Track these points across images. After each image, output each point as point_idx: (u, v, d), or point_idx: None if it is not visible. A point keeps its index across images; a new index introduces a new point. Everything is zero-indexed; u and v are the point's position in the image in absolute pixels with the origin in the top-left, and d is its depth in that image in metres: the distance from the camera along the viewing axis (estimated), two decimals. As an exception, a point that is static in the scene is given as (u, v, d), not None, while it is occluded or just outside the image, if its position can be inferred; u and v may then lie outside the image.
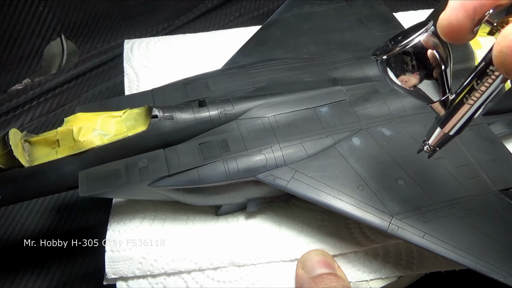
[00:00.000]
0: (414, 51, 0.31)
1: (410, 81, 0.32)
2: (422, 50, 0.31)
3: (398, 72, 0.32)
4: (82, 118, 0.45)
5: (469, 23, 0.29)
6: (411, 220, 0.40)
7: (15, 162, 0.42)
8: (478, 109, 0.31)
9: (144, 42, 0.64)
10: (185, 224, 0.47)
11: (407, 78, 0.32)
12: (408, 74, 0.32)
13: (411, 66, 0.32)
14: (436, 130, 0.34)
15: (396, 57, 0.32)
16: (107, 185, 0.42)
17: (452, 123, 0.33)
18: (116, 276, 0.44)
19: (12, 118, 0.70)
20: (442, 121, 0.34)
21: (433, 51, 0.31)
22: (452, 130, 0.33)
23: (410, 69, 0.32)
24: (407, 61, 0.32)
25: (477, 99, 0.30)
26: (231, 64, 0.54)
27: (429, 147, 0.36)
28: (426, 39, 0.31)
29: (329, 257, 0.44)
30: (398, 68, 0.32)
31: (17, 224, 0.59)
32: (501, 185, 0.43)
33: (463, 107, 0.32)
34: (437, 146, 0.35)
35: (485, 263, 0.38)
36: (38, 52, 0.69)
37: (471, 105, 0.31)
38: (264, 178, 0.42)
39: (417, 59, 0.31)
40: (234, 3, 0.88)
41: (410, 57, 0.31)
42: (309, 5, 0.62)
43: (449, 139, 0.35)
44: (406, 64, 0.32)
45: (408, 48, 0.31)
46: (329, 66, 0.53)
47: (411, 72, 0.32)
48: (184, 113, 0.46)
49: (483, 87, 0.29)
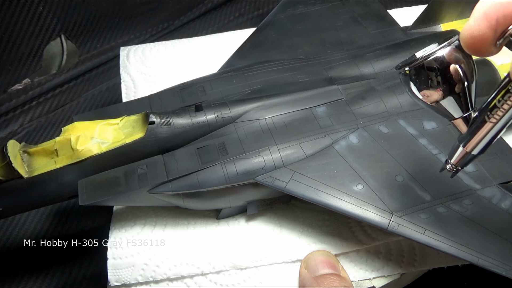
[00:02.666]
0: (438, 66, 0.31)
1: (432, 96, 0.32)
2: (445, 65, 0.30)
3: (420, 86, 0.32)
4: (79, 127, 0.45)
5: (492, 34, 0.28)
6: (411, 217, 0.40)
7: (15, 173, 0.42)
8: (502, 128, 0.30)
9: (140, 49, 0.65)
10: (186, 228, 0.47)
11: (429, 93, 0.32)
12: (431, 89, 0.31)
13: (435, 82, 0.31)
14: (459, 149, 0.33)
15: (420, 71, 0.31)
16: (106, 193, 0.43)
17: (474, 142, 0.32)
18: (119, 283, 0.44)
19: (12, 118, 0.70)
20: (465, 140, 0.33)
21: (455, 66, 0.30)
22: (475, 150, 0.32)
23: (433, 84, 0.31)
24: (431, 76, 0.31)
25: (500, 117, 0.29)
26: (227, 67, 0.54)
27: (451, 166, 0.35)
28: (449, 53, 0.30)
29: (333, 258, 0.44)
30: (421, 82, 0.32)
31: (17, 225, 0.59)
32: (500, 179, 0.43)
33: (485, 126, 0.31)
34: (460, 165, 0.34)
35: (486, 257, 0.38)
36: (38, 52, 0.70)
37: (494, 124, 0.30)
38: (263, 180, 0.42)
39: (440, 74, 0.31)
40: (234, 3, 0.88)
41: (434, 72, 0.31)
42: (303, 6, 0.62)
43: (472, 159, 0.33)
44: (430, 79, 0.31)
45: (432, 63, 0.31)
46: (325, 66, 0.53)
47: (434, 88, 0.31)
48: (181, 118, 0.46)
49: (506, 105, 0.29)
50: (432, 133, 0.46)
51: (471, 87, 0.31)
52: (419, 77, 0.31)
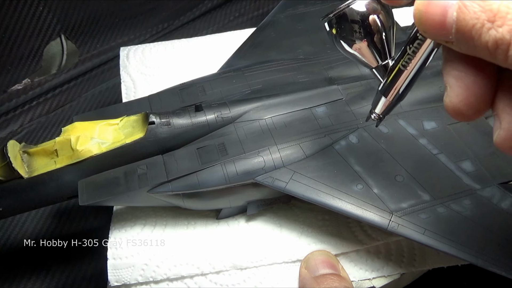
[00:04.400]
0: (358, 17, 0.32)
1: (356, 46, 0.33)
2: (365, 15, 0.32)
3: (343, 36, 0.33)
4: (79, 127, 0.45)
5: None
6: (411, 217, 0.40)
7: (15, 173, 0.42)
8: (416, 75, 0.31)
9: (140, 49, 0.65)
10: (186, 229, 0.47)
11: (353, 44, 0.33)
12: (354, 39, 0.33)
13: (357, 32, 0.32)
14: (381, 99, 0.34)
15: (342, 22, 0.32)
16: (106, 193, 0.43)
17: (393, 91, 0.33)
18: (119, 283, 0.44)
19: (12, 118, 0.70)
20: (384, 89, 0.34)
21: (374, 16, 0.32)
22: (394, 97, 0.33)
23: (356, 35, 0.32)
24: (353, 27, 0.32)
25: (413, 65, 0.30)
26: (227, 67, 0.54)
27: (376, 116, 0.36)
28: (368, 3, 0.32)
29: (333, 258, 0.44)
30: (343, 32, 0.33)
31: (17, 225, 0.59)
32: (501, 179, 0.43)
33: (401, 74, 0.32)
34: (383, 114, 0.35)
35: (486, 257, 0.37)
36: (38, 52, 0.69)
37: (409, 72, 0.31)
38: (263, 180, 0.42)
39: (360, 24, 0.32)
40: (234, 3, 0.88)
41: (355, 23, 0.32)
42: (303, 6, 0.62)
43: (394, 106, 0.34)
44: (353, 30, 0.32)
45: (352, 14, 0.32)
46: (325, 66, 0.53)
47: (357, 38, 0.32)
48: (181, 118, 0.46)
49: (416, 51, 0.30)
50: (432, 133, 0.46)
51: (389, 36, 0.33)
52: (341, 27, 0.33)
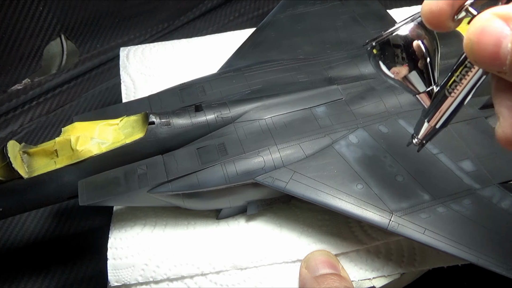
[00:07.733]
0: (402, 42, 0.32)
1: (398, 72, 0.33)
2: (409, 41, 0.32)
3: (386, 62, 0.33)
4: (79, 127, 0.45)
5: (449, 9, 0.29)
6: (411, 217, 0.40)
7: (15, 174, 0.42)
8: (461, 102, 0.31)
9: (139, 49, 0.65)
10: (186, 229, 0.47)
11: (398, 70, 0.33)
12: (398, 66, 0.33)
13: (400, 58, 0.32)
14: (424, 124, 0.34)
15: (385, 48, 0.33)
16: (106, 193, 0.43)
17: (437, 117, 0.33)
18: (119, 283, 0.44)
19: (12, 118, 0.70)
20: (428, 115, 0.34)
21: (418, 42, 0.32)
22: (438, 124, 0.33)
23: (400, 61, 0.32)
24: (396, 52, 0.32)
25: (458, 92, 0.30)
26: (227, 67, 0.54)
27: (418, 141, 0.36)
28: (412, 29, 0.32)
29: (334, 258, 0.44)
30: (386, 58, 0.33)
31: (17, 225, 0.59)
32: (501, 178, 0.43)
33: (446, 100, 0.32)
34: (426, 139, 0.35)
35: (486, 257, 0.38)
36: (38, 52, 0.70)
37: (454, 98, 0.31)
38: (263, 180, 0.42)
39: (404, 50, 0.32)
40: (234, 3, 0.88)
41: (399, 48, 0.32)
42: (303, 6, 0.62)
43: (437, 132, 0.34)
44: (396, 55, 0.32)
45: (396, 39, 0.32)
46: (325, 66, 0.53)
47: (401, 64, 0.32)
48: (181, 119, 0.46)
49: (464, 80, 0.30)
50: (432, 133, 0.46)
51: (434, 62, 0.33)
52: (385, 53, 0.33)
